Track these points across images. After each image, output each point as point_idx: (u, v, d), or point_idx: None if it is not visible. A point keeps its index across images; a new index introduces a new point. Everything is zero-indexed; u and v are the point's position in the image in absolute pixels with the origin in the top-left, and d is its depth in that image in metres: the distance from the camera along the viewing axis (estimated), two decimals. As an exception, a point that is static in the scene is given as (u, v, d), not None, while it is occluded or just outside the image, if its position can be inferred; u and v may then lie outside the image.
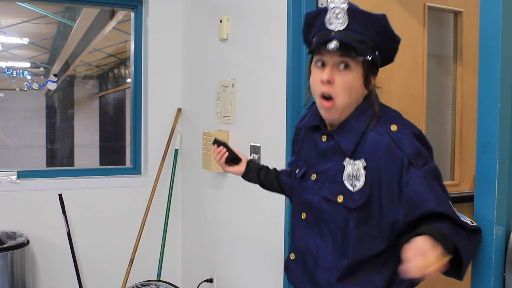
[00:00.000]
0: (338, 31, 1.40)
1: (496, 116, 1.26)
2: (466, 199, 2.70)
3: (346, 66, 1.41)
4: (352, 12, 1.40)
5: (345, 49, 1.38)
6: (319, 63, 1.44)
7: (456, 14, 2.74)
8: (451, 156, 2.78)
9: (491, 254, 1.28)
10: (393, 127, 1.43)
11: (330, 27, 1.41)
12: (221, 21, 2.97)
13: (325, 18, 1.42)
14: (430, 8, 2.61)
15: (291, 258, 1.62)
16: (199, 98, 3.51)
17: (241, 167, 1.92)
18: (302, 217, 1.58)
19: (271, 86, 2.47)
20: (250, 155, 2.63)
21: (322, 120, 1.55)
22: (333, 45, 1.37)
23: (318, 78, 1.44)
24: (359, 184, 1.41)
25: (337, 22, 1.40)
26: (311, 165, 1.59)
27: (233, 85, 2.87)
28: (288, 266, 1.65)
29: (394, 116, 1.50)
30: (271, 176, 1.91)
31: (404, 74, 2.54)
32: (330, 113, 1.45)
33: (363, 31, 1.41)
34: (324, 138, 1.54)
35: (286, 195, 1.91)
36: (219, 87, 3.06)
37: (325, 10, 1.43)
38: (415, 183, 1.34)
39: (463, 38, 2.73)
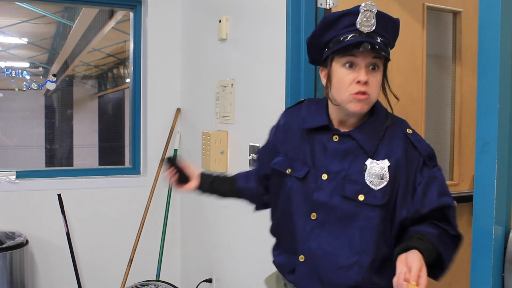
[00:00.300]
0: (368, 33, 1.45)
1: (495, 116, 1.25)
2: (465, 199, 2.70)
3: (374, 67, 1.48)
4: (380, 15, 1.47)
5: (377, 50, 1.45)
6: (348, 64, 1.48)
7: (455, 14, 2.75)
8: (450, 156, 2.78)
9: (490, 254, 1.28)
10: (409, 130, 1.56)
11: (361, 29, 1.45)
12: (220, 21, 2.97)
13: (357, 20, 1.45)
14: (429, 8, 2.61)
15: (300, 260, 1.58)
16: (198, 98, 3.51)
17: (193, 183, 1.92)
18: (312, 217, 1.55)
19: (270, 86, 2.48)
20: (250, 155, 2.63)
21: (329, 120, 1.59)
22: (369, 46, 1.43)
23: (351, 78, 1.47)
24: (383, 183, 1.48)
25: (367, 24, 1.45)
26: (317, 165, 1.57)
27: (232, 85, 2.87)
28: (295, 269, 1.61)
29: (398, 118, 1.61)
30: (227, 185, 1.92)
31: (403, 74, 2.55)
32: (363, 104, 1.49)
33: (385, 33, 1.49)
34: (335, 138, 1.56)
35: (246, 200, 1.93)
36: (218, 87, 3.06)
37: (353, 13, 1.47)
38: (428, 182, 1.49)
39: (462, 38, 2.74)
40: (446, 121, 2.77)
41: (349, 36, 1.46)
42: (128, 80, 4.14)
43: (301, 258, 1.57)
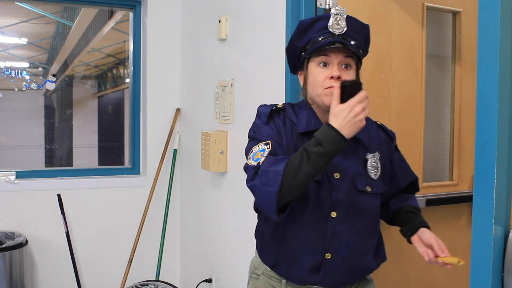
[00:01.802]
0: (340, 35, 1.58)
1: (494, 116, 1.25)
2: (465, 199, 2.71)
3: (346, 66, 1.60)
4: (349, 19, 1.60)
5: (348, 49, 1.58)
6: (322, 64, 1.60)
7: (455, 14, 2.75)
8: (449, 156, 2.78)
9: (489, 255, 1.27)
10: (378, 121, 1.81)
11: (333, 31, 1.58)
12: (219, 21, 2.97)
13: (329, 23, 1.58)
14: (428, 8, 2.61)
15: (327, 258, 1.62)
16: (197, 98, 3.50)
17: None
18: (332, 215, 1.62)
19: (270, 86, 2.47)
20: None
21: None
22: (341, 45, 1.56)
23: (324, 75, 1.58)
24: (379, 172, 1.70)
25: (338, 27, 1.58)
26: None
27: (231, 85, 2.87)
28: (321, 266, 1.63)
29: None
30: None
31: (403, 74, 2.55)
32: None
33: (356, 36, 1.62)
34: None
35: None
36: (217, 87, 3.06)
37: (324, 17, 1.60)
38: (400, 161, 1.83)
39: (462, 38, 2.74)
40: (446, 121, 2.77)
41: (323, 38, 1.58)
42: (127, 80, 4.14)
43: (328, 255, 1.63)
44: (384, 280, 2.43)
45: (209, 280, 3.22)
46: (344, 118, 1.43)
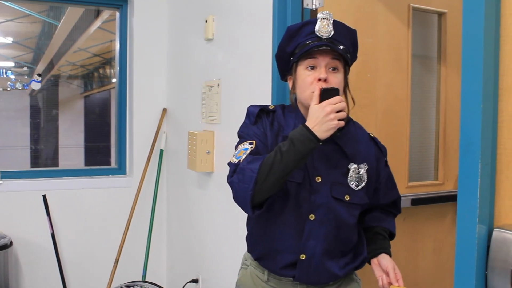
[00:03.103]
0: (327, 38, 1.60)
1: (478, 116, 1.26)
2: (450, 199, 2.73)
3: (334, 69, 1.61)
4: (336, 24, 1.62)
5: (336, 53, 1.59)
6: (310, 67, 1.61)
7: (440, 15, 2.77)
8: (435, 155, 2.80)
9: (473, 253, 1.29)
10: (371, 133, 1.80)
11: (320, 35, 1.59)
12: (206, 21, 2.97)
13: (316, 28, 1.60)
14: (414, 9, 2.63)
15: (301, 258, 1.65)
16: (184, 98, 3.50)
17: None
18: (310, 218, 1.64)
19: (256, 86, 2.48)
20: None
21: None
22: (328, 48, 1.57)
23: (312, 78, 1.60)
24: (362, 183, 1.69)
25: (325, 31, 1.60)
26: (308, 169, 1.64)
27: (218, 85, 2.87)
28: (296, 267, 1.67)
29: (355, 121, 1.80)
30: None
31: (389, 75, 2.56)
32: None
33: (343, 40, 1.63)
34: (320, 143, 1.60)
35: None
36: (204, 87, 3.06)
37: (312, 22, 1.61)
38: (388, 177, 1.81)
39: (447, 38, 2.76)
40: (431, 121, 2.79)
41: (311, 41, 1.60)
42: (114, 80, 4.12)
43: (302, 256, 1.66)
44: (370, 279, 2.44)
45: (195, 281, 3.21)
46: (317, 117, 1.50)
